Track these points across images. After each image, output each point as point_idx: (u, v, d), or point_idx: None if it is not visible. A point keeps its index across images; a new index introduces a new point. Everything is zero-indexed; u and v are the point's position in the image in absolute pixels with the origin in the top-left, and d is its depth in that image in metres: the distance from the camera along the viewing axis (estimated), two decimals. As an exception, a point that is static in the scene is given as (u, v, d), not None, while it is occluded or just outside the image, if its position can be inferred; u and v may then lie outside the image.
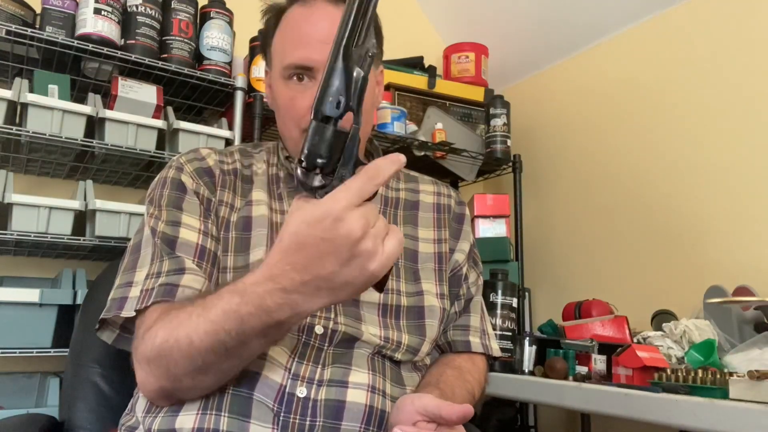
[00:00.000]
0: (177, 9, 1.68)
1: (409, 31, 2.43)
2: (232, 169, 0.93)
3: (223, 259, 0.84)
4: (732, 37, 1.75)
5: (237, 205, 0.89)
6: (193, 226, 0.84)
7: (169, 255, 0.81)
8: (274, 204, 0.90)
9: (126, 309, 0.78)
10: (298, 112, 0.87)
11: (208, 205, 0.87)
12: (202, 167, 0.91)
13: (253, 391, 0.74)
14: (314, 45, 0.86)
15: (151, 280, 0.79)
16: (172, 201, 0.86)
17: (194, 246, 0.82)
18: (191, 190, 0.87)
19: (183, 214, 0.85)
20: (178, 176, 0.88)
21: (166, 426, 0.75)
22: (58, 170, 1.73)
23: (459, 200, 1.05)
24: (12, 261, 1.73)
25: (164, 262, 0.80)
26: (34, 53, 1.58)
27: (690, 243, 1.79)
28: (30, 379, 1.63)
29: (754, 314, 1.39)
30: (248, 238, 0.85)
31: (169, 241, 0.82)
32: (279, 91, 0.91)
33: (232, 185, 0.90)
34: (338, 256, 0.59)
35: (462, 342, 0.95)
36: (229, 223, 0.87)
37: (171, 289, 0.77)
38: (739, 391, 0.99)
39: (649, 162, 1.94)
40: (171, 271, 0.79)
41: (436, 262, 0.95)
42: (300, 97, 0.87)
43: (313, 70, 0.86)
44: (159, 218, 0.84)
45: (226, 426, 0.73)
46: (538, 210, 2.32)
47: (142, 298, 0.77)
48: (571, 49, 2.26)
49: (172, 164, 0.91)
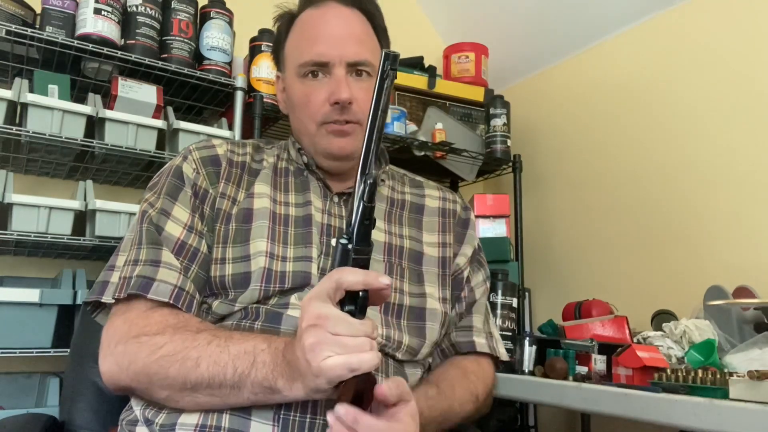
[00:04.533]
0: (177, 9, 1.68)
1: (409, 31, 2.43)
2: (240, 162, 0.93)
3: (222, 250, 0.85)
4: (732, 37, 1.75)
5: (238, 198, 0.89)
6: (181, 220, 0.85)
7: (149, 244, 0.83)
8: (278, 196, 0.91)
9: (106, 294, 0.83)
10: (314, 106, 0.90)
11: (203, 197, 0.88)
12: (210, 155, 0.92)
13: None
14: (329, 42, 0.89)
15: (129, 267, 0.82)
16: (169, 190, 0.88)
17: (175, 240, 0.84)
18: (190, 181, 0.88)
19: (175, 206, 0.86)
20: (181, 165, 0.90)
21: (169, 421, 0.75)
22: (58, 170, 1.73)
23: (464, 205, 1.05)
24: (12, 261, 1.73)
25: (142, 250, 0.82)
26: (34, 53, 1.58)
27: (690, 243, 1.79)
28: (30, 379, 1.63)
29: (754, 314, 1.39)
30: (248, 230, 0.86)
31: (155, 229, 0.84)
32: (294, 89, 0.92)
33: (237, 178, 0.91)
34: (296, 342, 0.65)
35: (466, 342, 0.95)
36: (228, 215, 0.87)
37: (147, 284, 0.79)
38: (739, 391, 0.99)
39: (649, 162, 1.94)
40: (147, 261, 0.81)
41: (440, 267, 0.95)
42: (315, 93, 0.90)
43: (328, 66, 0.89)
44: (153, 205, 0.87)
45: (228, 423, 0.73)
46: (538, 210, 2.32)
47: (121, 286, 0.81)
48: (571, 49, 2.25)
49: (182, 151, 0.94)
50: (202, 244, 0.85)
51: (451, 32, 2.51)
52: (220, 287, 0.83)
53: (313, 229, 0.88)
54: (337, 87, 0.88)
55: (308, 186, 0.93)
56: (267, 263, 0.82)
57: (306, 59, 0.90)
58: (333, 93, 0.88)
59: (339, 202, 0.93)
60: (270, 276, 0.82)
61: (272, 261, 0.83)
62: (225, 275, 0.83)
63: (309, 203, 0.91)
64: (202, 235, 0.86)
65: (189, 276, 0.82)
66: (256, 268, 0.82)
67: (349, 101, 0.88)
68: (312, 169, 0.94)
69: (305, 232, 0.87)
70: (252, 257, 0.83)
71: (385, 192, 0.99)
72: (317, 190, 0.93)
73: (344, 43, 0.89)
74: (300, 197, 0.92)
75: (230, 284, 0.82)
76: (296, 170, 0.96)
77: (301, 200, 0.91)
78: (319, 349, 0.62)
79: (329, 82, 0.89)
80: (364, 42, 0.92)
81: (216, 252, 0.85)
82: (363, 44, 0.91)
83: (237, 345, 0.71)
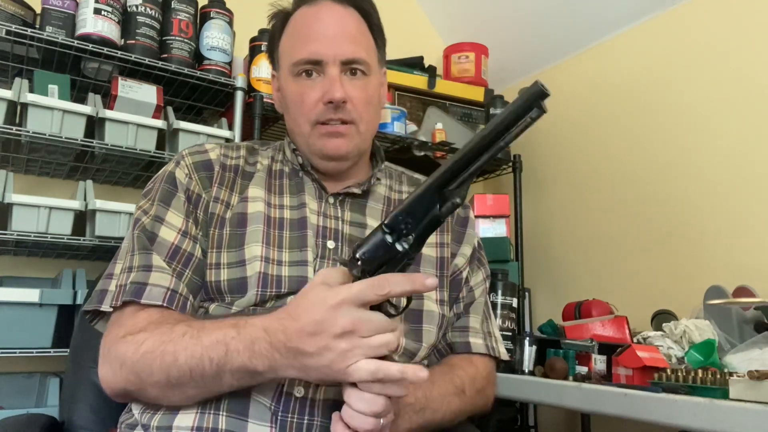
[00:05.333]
0: (177, 9, 1.68)
1: (409, 31, 2.43)
2: (233, 165, 0.93)
3: (217, 255, 0.84)
4: (732, 36, 1.75)
5: (232, 202, 0.89)
6: (175, 225, 0.85)
7: (141, 250, 0.83)
8: (272, 199, 0.91)
9: (104, 303, 0.83)
10: (307, 105, 0.89)
11: (196, 202, 0.88)
12: (202, 160, 0.91)
13: (251, 390, 0.75)
14: (322, 40, 0.88)
15: (124, 274, 0.82)
16: (162, 196, 0.87)
17: (169, 245, 0.84)
18: (182, 186, 0.88)
19: (169, 211, 0.86)
20: (174, 171, 0.90)
21: (165, 423, 0.75)
22: (58, 170, 1.73)
23: (464, 204, 1.04)
24: (12, 261, 1.73)
25: (135, 257, 0.83)
26: (34, 53, 1.58)
27: (690, 243, 1.79)
28: (30, 379, 1.63)
29: (754, 314, 1.39)
30: (243, 234, 0.86)
31: (148, 236, 0.84)
32: (288, 88, 0.92)
33: (230, 182, 0.91)
34: (317, 341, 0.64)
35: (462, 343, 0.94)
36: (223, 220, 0.87)
37: (139, 288, 0.79)
38: (739, 391, 0.99)
39: (649, 162, 1.94)
40: (140, 267, 0.81)
41: (438, 268, 0.94)
42: (309, 92, 0.89)
43: (322, 64, 0.88)
44: (146, 212, 0.87)
45: (225, 425, 0.73)
46: (538, 210, 2.32)
47: (117, 295, 0.81)
48: (571, 49, 2.25)
49: (175, 157, 0.93)
50: (197, 248, 0.85)
51: (451, 32, 2.51)
52: (216, 292, 0.83)
53: (308, 231, 0.87)
54: (330, 86, 0.87)
55: (303, 188, 0.93)
56: (263, 268, 0.82)
57: (299, 57, 0.89)
58: (327, 92, 0.87)
59: (335, 203, 0.92)
60: (266, 280, 0.82)
61: (268, 265, 0.83)
62: (221, 280, 0.83)
63: (304, 205, 0.90)
64: (196, 239, 0.86)
65: (183, 280, 0.82)
66: (252, 273, 0.82)
67: (343, 100, 0.87)
68: (307, 170, 0.93)
69: (300, 235, 0.87)
70: (247, 262, 0.83)
71: (382, 191, 0.98)
72: (312, 192, 0.92)
73: (338, 42, 0.89)
74: (295, 199, 0.91)
75: (226, 289, 0.82)
76: (291, 171, 0.95)
77: (295, 202, 0.91)
78: (351, 354, 0.63)
79: (323, 81, 0.88)
80: (359, 40, 0.91)
81: (210, 257, 0.85)
82: (358, 42, 0.90)
83: (208, 335, 0.71)
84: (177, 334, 0.73)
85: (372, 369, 0.63)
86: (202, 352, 0.70)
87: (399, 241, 0.64)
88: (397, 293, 0.64)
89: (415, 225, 0.64)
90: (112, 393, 0.79)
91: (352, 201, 0.93)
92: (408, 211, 0.64)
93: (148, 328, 0.76)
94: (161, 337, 0.73)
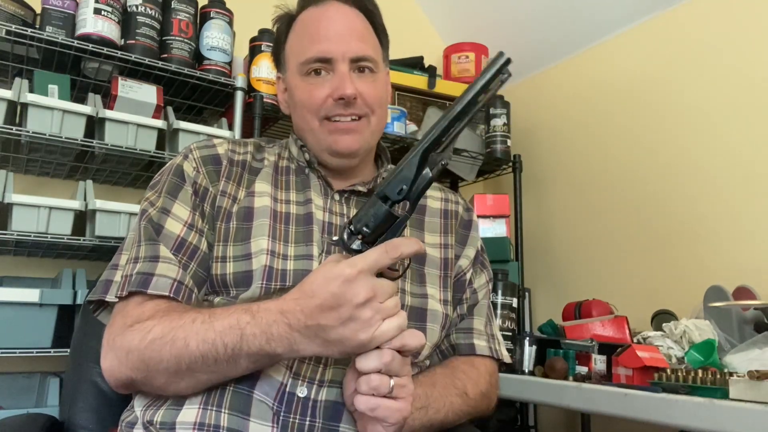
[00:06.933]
0: (177, 9, 1.68)
1: (409, 31, 2.43)
2: (241, 160, 0.93)
3: (223, 248, 0.85)
4: (732, 37, 1.75)
5: (239, 197, 0.89)
6: (181, 217, 0.86)
7: (148, 241, 0.83)
8: (278, 194, 0.91)
9: (110, 293, 0.84)
10: (316, 101, 0.89)
11: (204, 195, 0.88)
12: (210, 154, 0.92)
13: (253, 389, 0.75)
14: (332, 38, 0.89)
15: (130, 265, 0.83)
16: (170, 188, 0.88)
17: (175, 237, 0.84)
18: (190, 179, 0.88)
19: (175, 203, 0.86)
20: (182, 164, 0.90)
21: (168, 419, 0.75)
22: (58, 170, 1.73)
23: (467, 206, 1.05)
24: (12, 261, 1.73)
25: (141, 248, 0.83)
26: (34, 53, 1.58)
27: (690, 243, 1.79)
28: (30, 379, 1.63)
29: (754, 314, 1.39)
30: (249, 228, 0.86)
31: (155, 227, 0.84)
32: (297, 87, 0.92)
33: (237, 177, 0.91)
34: (339, 314, 0.66)
35: (466, 345, 0.94)
36: (229, 214, 0.87)
37: (146, 279, 0.80)
38: (739, 391, 0.99)
39: (649, 162, 1.94)
40: (147, 258, 0.82)
41: (442, 268, 0.95)
42: (319, 89, 0.90)
43: (332, 62, 0.89)
44: (153, 204, 0.87)
45: (227, 422, 0.73)
46: (538, 210, 2.32)
47: (122, 285, 0.81)
48: (571, 49, 2.25)
49: (182, 150, 0.94)
50: (202, 242, 0.85)
51: (451, 32, 2.52)
52: (221, 285, 0.83)
53: (314, 227, 0.88)
54: (341, 82, 0.88)
55: (309, 184, 0.93)
56: (268, 261, 0.83)
57: (309, 56, 0.90)
58: (337, 88, 0.88)
59: (340, 200, 0.93)
60: (271, 274, 0.82)
61: (273, 259, 0.83)
62: (226, 273, 0.83)
63: (310, 201, 0.91)
64: (202, 233, 0.86)
65: (188, 272, 0.82)
66: (258, 266, 0.82)
67: (354, 96, 0.88)
68: (313, 167, 0.94)
69: (306, 230, 0.87)
70: (253, 255, 0.83)
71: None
72: (318, 188, 0.93)
73: (347, 39, 0.89)
74: (301, 195, 0.92)
75: (232, 282, 0.83)
76: (297, 168, 0.96)
77: (302, 198, 0.91)
78: (374, 320, 0.66)
79: (332, 79, 0.89)
80: (366, 39, 0.92)
81: (216, 250, 0.85)
82: (365, 41, 0.92)
83: (221, 320, 0.71)
84: (187, 320, 0.73)
85: (396, 325, 0.68)
86: (215, 337, 0.70)
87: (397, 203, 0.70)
88: (408, 254, 0.68)
89: (408, 190, 0.69)
90: (116, 383, 0.79)
91: (357, 199, 0.94)
92: (401, 179, 0.70)
93: (156, 316, 0.76)
94: (170, 324, 0.73)
